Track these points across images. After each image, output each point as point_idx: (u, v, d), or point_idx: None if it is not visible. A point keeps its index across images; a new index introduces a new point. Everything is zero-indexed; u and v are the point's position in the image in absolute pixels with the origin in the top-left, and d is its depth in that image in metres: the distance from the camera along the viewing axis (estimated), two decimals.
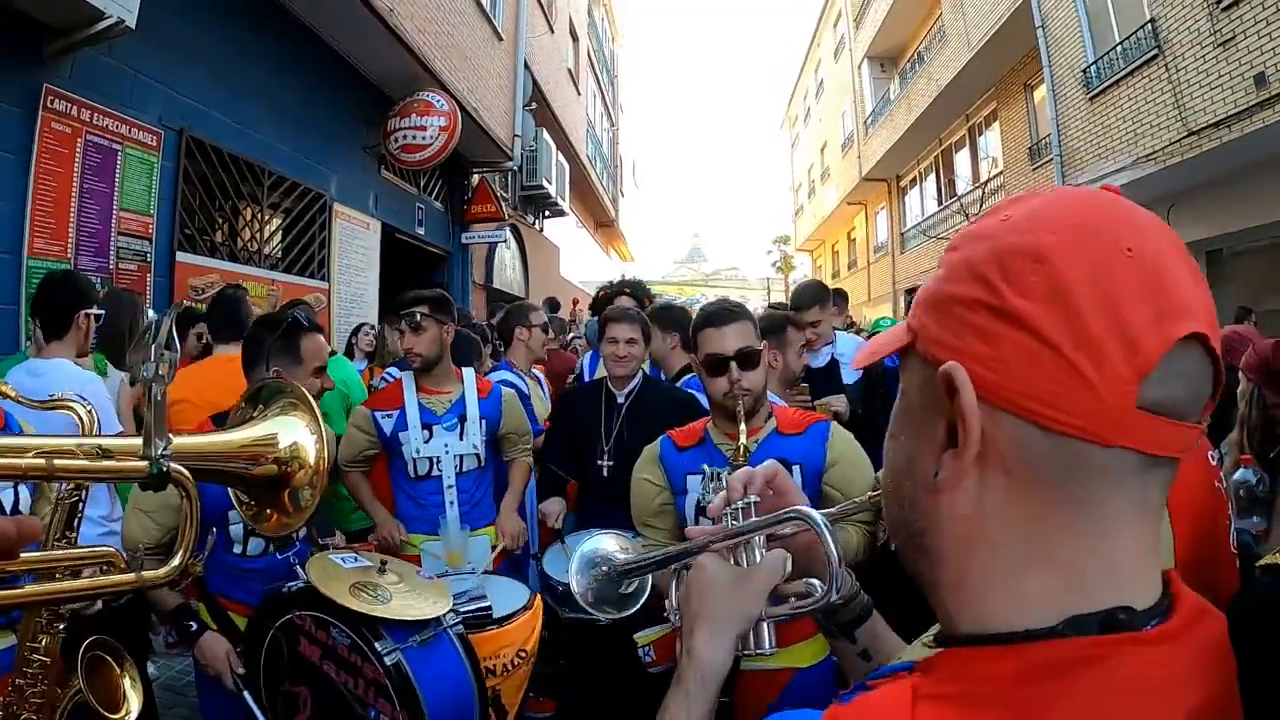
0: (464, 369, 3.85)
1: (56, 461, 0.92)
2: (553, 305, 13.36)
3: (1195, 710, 0.56)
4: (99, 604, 2.39)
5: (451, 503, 3.58)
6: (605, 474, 3.60)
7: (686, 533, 1.09)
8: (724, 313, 2.59)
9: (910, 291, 23.58)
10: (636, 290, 5.35)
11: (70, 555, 1.43)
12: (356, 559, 2.62)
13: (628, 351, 3.71)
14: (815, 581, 0.98)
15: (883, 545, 2.33)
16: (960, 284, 0.63)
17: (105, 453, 1.24)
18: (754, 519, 1.00)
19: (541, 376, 5.53)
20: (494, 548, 3.64)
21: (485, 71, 11.76)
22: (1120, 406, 0.56)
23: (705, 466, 2.56)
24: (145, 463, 1.28)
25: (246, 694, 2.45)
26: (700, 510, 2.47)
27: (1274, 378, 2.63)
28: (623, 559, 1.22)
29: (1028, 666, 0.58)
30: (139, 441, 1.25)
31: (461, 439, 3.64)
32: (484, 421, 3.71)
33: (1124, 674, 0.57)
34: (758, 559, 0.98)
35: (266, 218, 7.70)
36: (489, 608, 2.74)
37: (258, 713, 2.43)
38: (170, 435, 1.26)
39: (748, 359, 2.50)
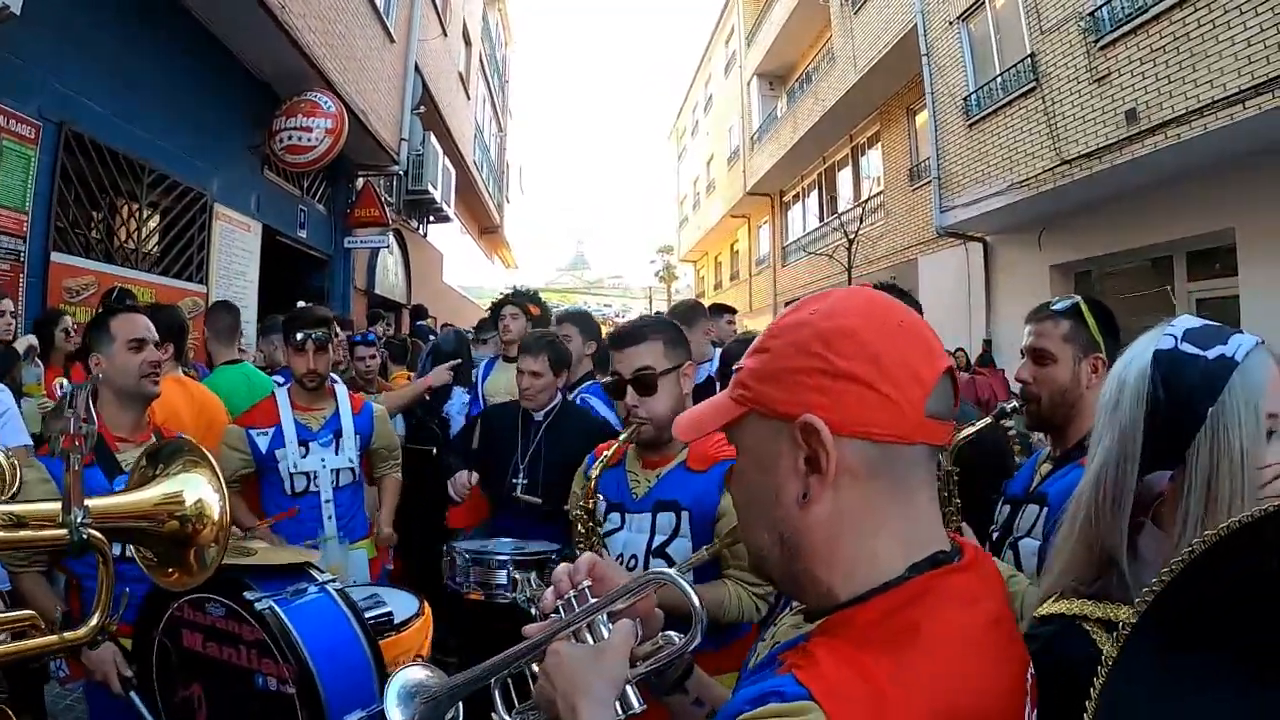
0: (335, 385, 3.88)
1: None
2: (419, 313, 13.12)
3: (992, 613, 0.86)
4: None
5: (330, 517, 3.60)
6: (519, 491, 3.50)
7: (523, 631, 1.12)
8: (625, 335, 2.54)
9: (790, 304, 24.08)
10: (523, 300, 5.30)
11: None
12: None
13: (530, 384, 3.62)
14: (672, 633, 1.09)
15: None
16: (794, 360, 0.88)
17: (19, 520, 1.13)
18: (606, 594, 1.08)
19: None
20: (372, 562, 3.73)
21: (375, 73, 11.43)
22: (916, 418, 0.85)
23: (515, 574, 2.62)
24: (64, 530, 1.18)
25: (133, 695, 2.34)
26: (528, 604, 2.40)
27: None
28: (437, 684, 1.22)
29: (893, 605, 0.82)
30: (55, 507, 1.13)
31: (338, 454, 3.67)
32: (358, 436, 3.77)
33: (952, 593, 0.84)
34: (604, 634, 1.05)
35: (145, 217, 7.27)
36: (390, 613, 2.70)
37: (145, 712, 2.34)
38: (86, 502, 1.17)
39: (643, 383, 2.40)
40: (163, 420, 3.15)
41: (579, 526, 2.41)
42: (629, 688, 1.00)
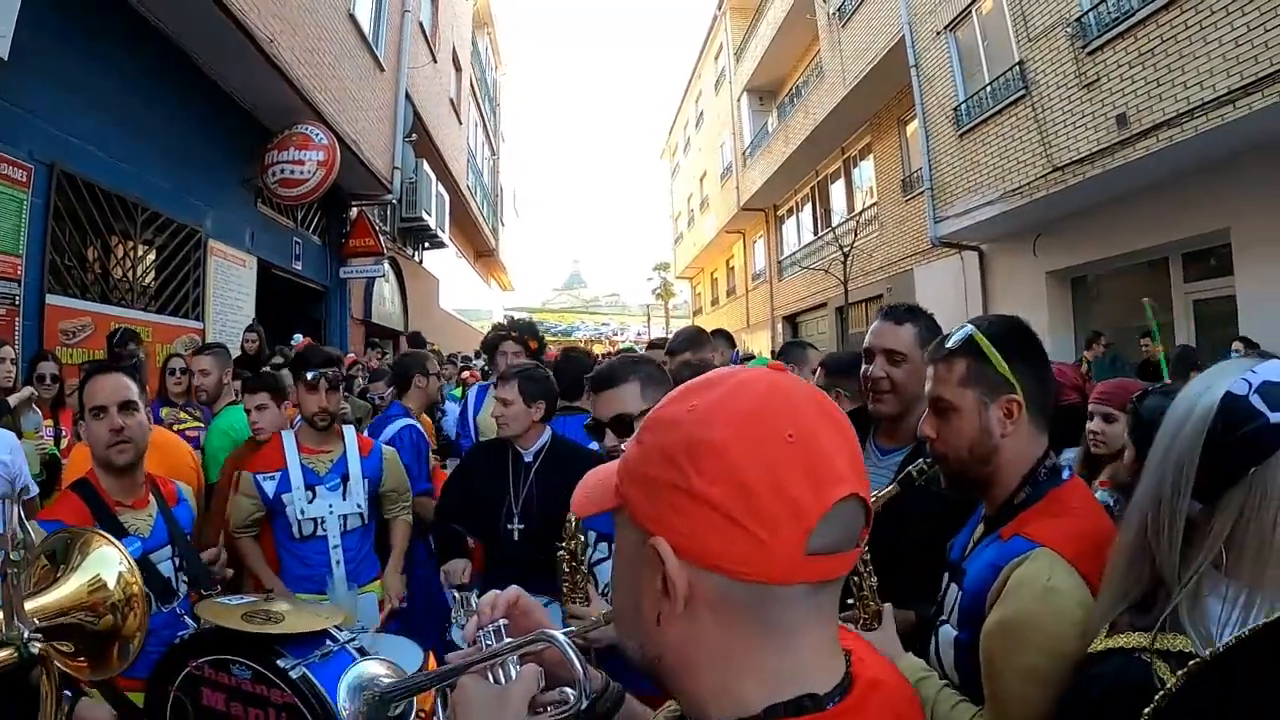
0: (344, 427, 3.84)
1: None
2: (416, 340, 13.10)
3: None
4: None
5: (338, 562, 3.57)
6: (516, 538, 3.38)
7: (447, 657, 1.18)
8: (602, 377, 2.59)
9: (788, 318, 24.13)
10: (523, 333, 5.22)
11: None
12: (241, 597, 2.64)
13: (500, 412, 3.53)
14: (569, 690, 1.07)
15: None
16: (658, 467, 0.77)
17: None
18: (506, 641, 1.11)
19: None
20: (381, 604, 3.68)
21: (366, 103, 11.46)
22: (791, 558, 0.72)
23: (455, 593, 2.73)
24: (11, 649, 1.14)
25: None
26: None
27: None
28: (387, 683, 1.30)
29: None
30: None
31: (345, 499, 3.63)
32: (366, 480, 3.73)
33: None
34: (513, 675, 1.06)
35: (139, 255, 7.27)
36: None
37: None
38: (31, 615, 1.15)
39: (621, 426, 2.43)
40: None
41: (564, 566, 2.41)
42: None
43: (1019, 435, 1.70)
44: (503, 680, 1.06)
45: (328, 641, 2.42)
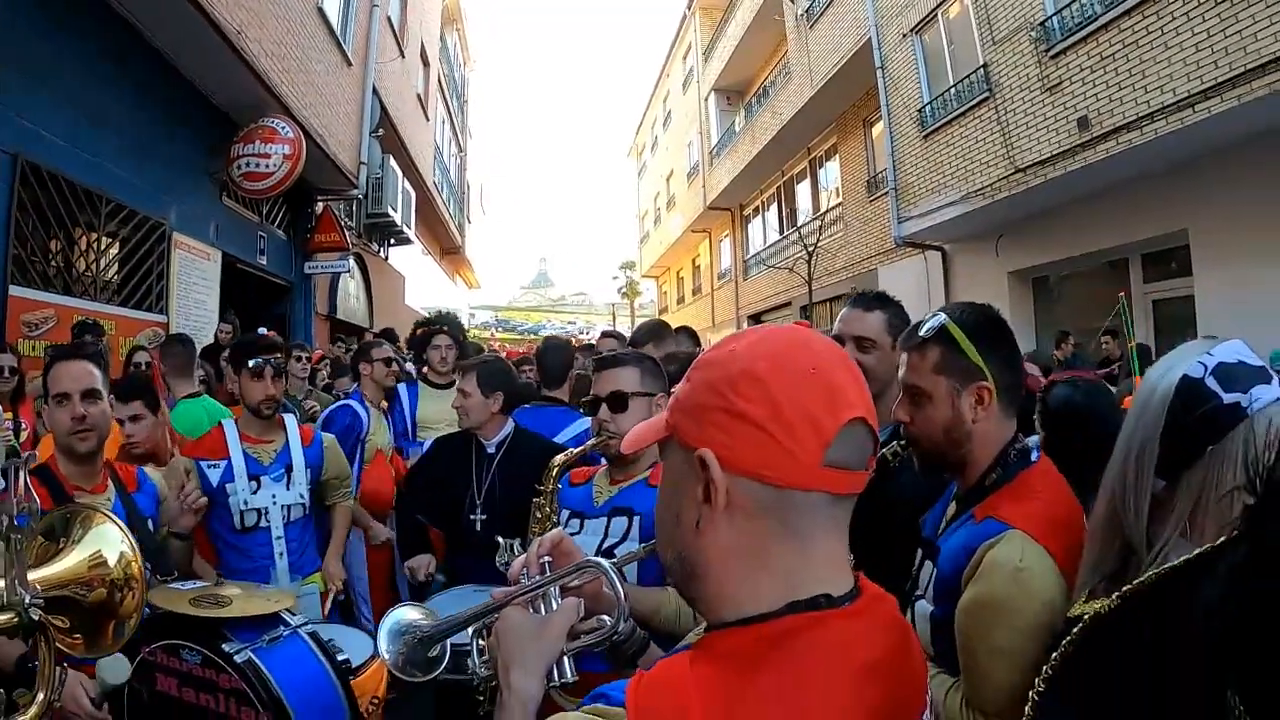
0: (285, 415, 3.79)
1: None
2: (389, 336, 13.01)
3: (870, 660, 0.87)
4: None
5: (281, 554, 3.53)
6: (478, 528, 3.45)
7: (492, 594, 1.27)
8: (607, 360, 2.72)
9: (753, 317, 24.23)
10: (453, 329, 5.29)
11: None
12: (194, 583, 2.66)
13: (460, 403, 3.64)
14: (605, 618, 1.21)
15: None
16: (704, 395, 0.92)
17: None
18: (551, 574, 1.22)
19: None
20: (322, 595, 3.66)
21: (333, 97, 11.36)
22: (811, 466, 0.87)
23: (499, 539, 2.92)
24: (11, 614, 1.16)
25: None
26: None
27: None
28: (427, 625, 1.38)
29: (761, 636, 0.86)
30: None
31: (289, 489, 3.59)
32: (309, 470, 3.70)
33: (822, 636, 0.86)
34: (555, 607, 1.18)
35: (103, 247, 7.17)
36: (347, 660, 2.69)
37: None
38: (31, 578, 1.16)
39: (616, 401, 2.53)
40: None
41: (536, 513, 2.57)
42: (565, 659, 1.15)
43: (990, 420, 1.77)
44: (544, 612, 1.18)
45: (279, 626, 2.44)
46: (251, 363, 3.55)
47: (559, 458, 2.57)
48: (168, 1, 6.54)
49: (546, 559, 1.27)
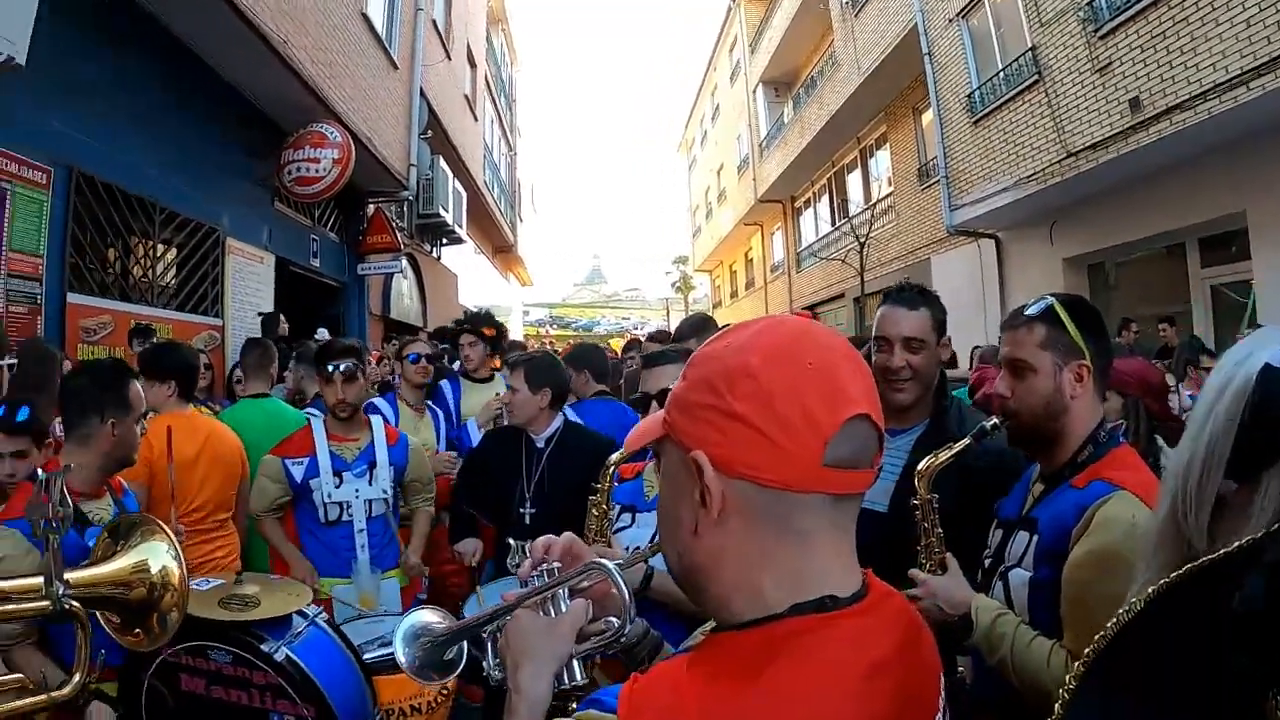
0: (371, 416, 3.97)
1: None
2: (440, 335, 13.16)
3: (878, 658, 0.85)
4: None
5: (363, 546, 3.70)
6: (528, 521, 3.49)
7: (501, 596, 1.27)
8: (654, 357, 2.82)
9: (808, 308, 24.06)
10: (480, 323, 5.36)
11: None
12: (209, 581, 2.70)
13: (508, 400, 3.73)
14: (613, 619, 1.19)
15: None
16: (699, 393, 0.90)
17: (4, 595, 1.26)
18: (559, 576, 1.21)
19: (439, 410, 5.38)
20: (404, 589, 3.82)
21: (380, 101, 11.54)
22: (810, 466, 0.84)
23: (510, 540, 2.87)
24: (47, 602, 1.29)
25: None
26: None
27: (1151, 389, 2.99)
28: (442, 628, 1.38)
29: (764, 639, 0.84)
30: (37, 581, 1.25)
31: (371, 484, 3.76)
32: (393, 468, 3.87)
33: (828, 636, 0.84)
34: (564, 609, 1.16)
35: (159, 254, 7.39)
36: (392, 654, 2.73)
37: None
38: (67, 575, 1.28)
39: (665, 399, 2.51)
40: (144, 455, 3.21)
41: (592, 510, 2.55)
42: (575, 661, 1.14)
43: (1085, 398, 1.89)
44: (553, 614, 1.16)
45: (297, 619, 2.51)
46: (327, 367, 3.74)
47: (614, 456, 2.55)
48: (214, 15, 6.72)
49: (555, 564, 1.26)
